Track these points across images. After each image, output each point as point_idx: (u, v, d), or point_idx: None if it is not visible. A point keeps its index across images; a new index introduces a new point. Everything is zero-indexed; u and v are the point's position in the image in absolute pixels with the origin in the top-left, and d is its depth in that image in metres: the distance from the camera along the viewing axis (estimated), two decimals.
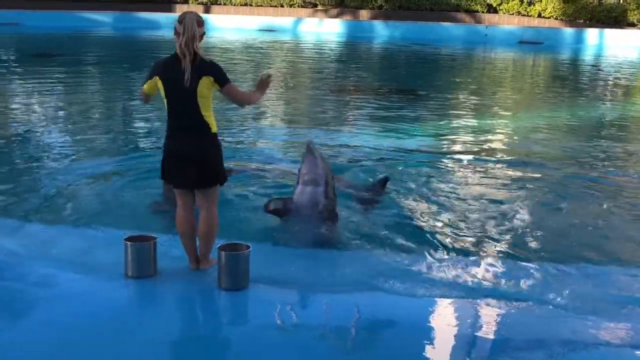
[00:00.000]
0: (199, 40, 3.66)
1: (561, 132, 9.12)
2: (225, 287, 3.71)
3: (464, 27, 24.19)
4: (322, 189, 4.81)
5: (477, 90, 13.15)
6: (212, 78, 3.65)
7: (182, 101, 3.68)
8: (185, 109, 3.70)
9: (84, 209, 5.36)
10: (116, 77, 13.60)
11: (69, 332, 3.27)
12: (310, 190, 4.79)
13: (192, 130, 3.72)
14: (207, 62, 3.69)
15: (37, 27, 22.27)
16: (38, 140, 7.72)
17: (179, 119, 3.74)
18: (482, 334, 3.41)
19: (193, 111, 3.68)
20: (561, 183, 6.46)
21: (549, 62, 19.35)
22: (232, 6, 27.05)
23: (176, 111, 3.74)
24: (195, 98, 3.65)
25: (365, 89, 12.35)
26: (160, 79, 3.72)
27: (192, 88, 3.63)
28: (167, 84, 3.70)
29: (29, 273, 3.94)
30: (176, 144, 3.77)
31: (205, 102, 3.69)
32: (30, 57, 15.84)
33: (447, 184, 6.33)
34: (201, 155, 3.73)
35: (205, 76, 3.64)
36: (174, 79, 3.65)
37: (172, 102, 3.74)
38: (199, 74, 3.63)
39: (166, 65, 3.73)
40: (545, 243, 4.92)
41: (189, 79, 3.60)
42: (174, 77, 3.64)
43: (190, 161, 3.72)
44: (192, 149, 3.73)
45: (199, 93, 3.64)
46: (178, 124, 3.76)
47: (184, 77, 3.60)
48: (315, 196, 4.77)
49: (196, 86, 3.63)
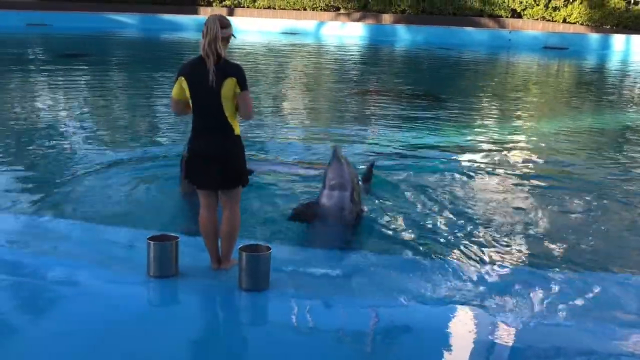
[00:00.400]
0: (224, 42, 3.69)
1: (585, 138, 9.01)
2: (245, 288, 3.74)
3: (487, 32, 24.01)
4: (349, 194, 4.88)
5: (499, 95, 13.05)
6: (235, 79, 3.68)
7: (207, 101, 3.73)
8: (210, 109, 3.74)
9: (109, 207, 5.46)
10: (140, 77, 13.76)
11: (92, 331, 3.32)
12: (337, 194, 4.86)
13: (216, 130, 3.76)
14: (231, 64, 3.74)
15: (64, 28, 22.63)
16: (64, 138, 7.85)
17: (204, 119, 3.80)
18: (501, 342, 3.39)
19: (217, 112, 3.73)
20: (584, 190, 6.38)
21: (574, 68, 19.11)
22: (255, 9, 27.23)
23: (201, 111, 3.80)
24: (219, 99, 3.69)
25: (386, 92, 12.33)
26: (185, 79, 3.76)
27: (216, 89, 3.67)
28: (191, 85, 3.75)
29: (53, 271, 4.00)
30: (201, 144, 3.82)
31: (228, 103, 3.73)
32: (58, 57, 16.10)
33: (468, 189, 6.29)
34: (225, 156, 3.78)
35: (229, 77, 3.68)
36: (199, 80, 3.69)
37: (196, 103, 3.78)
38: (223, 75, 3.67)
39: (191, 66, 3.77)
40: (566, 250, 4.87)
41: (214, 79, 3.64)
42: (199, 78, 3.69)
43: (215, 161, 3.77)
44: (216, 149, 3.77)
45: (222, 94, 3.69)
46: (203, 124, 3.81)
47: (208, 78, 3.64)
48: (342, 201, 4.84)
49: (220, 87, 3.67)
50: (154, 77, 13.60)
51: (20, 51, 18.13)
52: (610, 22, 23.50)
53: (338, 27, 24.93)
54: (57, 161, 6.86)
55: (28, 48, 19.14)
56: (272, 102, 11.22)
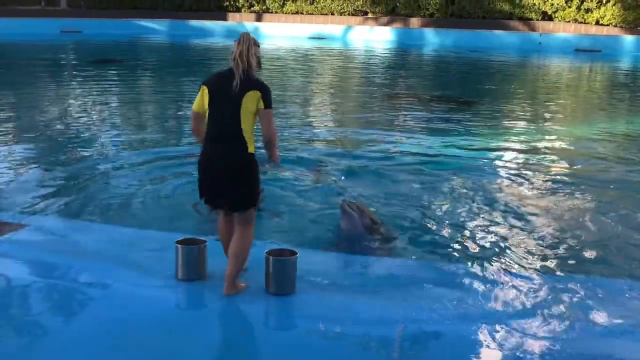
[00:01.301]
0: (254, 59, 3.63)
1: (620, 143, 8.80)
2: (272, 292, 3.75)
3: (518, 35, 23.69)
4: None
5: (530, 98, 12.85)
6: (260, 94, 3.59)
7: (225, 109, 3.59)
8: (227, 118, 3.60)
9: (139, 210, 5.53)
10: (171, 82, 13.95)
11: (119, 333, 3.35)
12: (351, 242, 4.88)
13: (231, 141, 3.60)
14: (259, 80, 3.66)
15: (97, 35, 23.11)
16: (96, 141, 7.99)
17: (217, 127, 3.63)
18: (532, 350, 3.32)
19: (234, 122, 3.58)
20: (617, 195, 6.24)
21: (607, 71, 18.72)
22: (282, 14, 27.37)
23: (216, 118, 3.63)
24: (239, 108, 3.57)
25: (415, 96, 12.26)
26: (207, 88, 3.66)
27: (238, 98, 3.56)
28: (213, 91, 3.64)
29: (81, 273, 4.06)
30: (212, 151, 3.64)
31: (247, 116, 3.59)
32: (91, 62, 16.45)
33: (500, 194, 6.21)
34: (235, 167, 3.61)
35: (254, 90, 3.58)
36: (222, 87, 3.61)
37: (213, 109, 3.63)
38: (248, 86, 3.57)
39: (217, 75, 3.72)
40: (598, 258, 4.76)
41: (238, 86, 3.55)
42: (222, 86, 3.60)
43: (225, 173, 3.61)
44: (227, 159, 3.60)
45: (243, 104, 3.57)
46: (217, 132, 3.63)
47: (232, 86, 3.55)
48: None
49: (242, 97, 3.56)
50: (184, 82, 13.77)
51: (55, 57, 18.58)
52: None
53: (366, 32, 24.91)
54: (90, 164, 6.98)
55: (62, 54, 19.60)
56: (299, 106, 11.26)
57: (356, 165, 7.18)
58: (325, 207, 5.69)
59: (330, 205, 5.67)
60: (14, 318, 3.54)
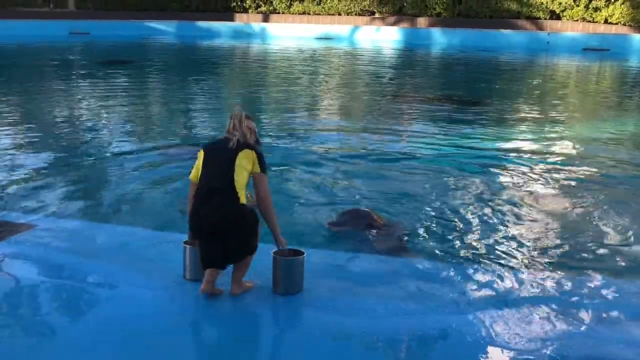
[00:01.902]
0: (249, 131, 3.69)
1: (627, 143, 8.75)
2: (279, 292, 3.75)
3: (525, 35, 23.61)
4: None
5: (537, 98, 12.80)
6: (255, 156, 3.63)
7: (218, 163, 3.62)
8: (218, 171, 3.60)
9: (147, 211, 5.56)
10: (179, 83, 14.01)
11: (127, 333, 3.36)
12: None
13: (222, 194, 3.54)
14: (254, 145, 3.70)
15: (105, 36, 23.25)
16: (106, 142, 8.03)
17: (209, 181, 3.60)
18: (537, 348, 3.30)
19: (226, 174, 3.56)
20: (625, 196, 6.20)
21: (616, 70, 18.61)
22: (289, 15, 27.43)
23: (208, 174, 3.63)
24: (233, 161, 3.57)
25: (421, 96, 12.24)
26: (203, 150, 3.72)
27: (232, 153, 3.59)
28: (208, 152, 3.69)
29: (90, 274, 4.07)
30: (203, 208, 3.57)
31: (240, 171, 3.58)
32: (99, 63, 16.54)
33: (502, 194, 6.19)
34: (230, 218, 3.54)
35: (249, 149, 3.63)
36: (217, 147, 3.68)
37: (206, 166, 3.65)
38: (244, 145, 3.64)
39: (214, 141, 3.81)
40: (605, 257, 4.74)
41: (234, 144, 3.61)
42: (217, 146, 3.69)
43: (217, 229, 3.54)
44: (217, 215, 3.52)
45: (238, 159, 3.58)
46: (208, 187, 3.59)
47: (227, 145, 3.61)
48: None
49: (237, 153, 3.60)
50: (193, 83, 13.82)
51: (65, 58, 18.70)
52: None
53: (373, 32, 24.92)
54: (99, 165, 7.03)
55: (71, 55, 19.72)
56: (305, 106, 11.27)
57: (362, 164, 7.19)
58: (330, 206, 5.70)
59: (334, 204, 5.71)
60: (22, 318, 3.56)
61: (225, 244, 3.55)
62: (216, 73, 16.21)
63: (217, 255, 3.59)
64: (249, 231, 3.62)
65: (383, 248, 4.68)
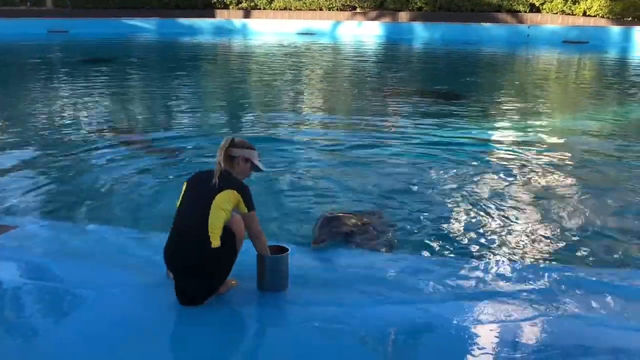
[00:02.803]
0: (232, 161, 3.62)
1: (607, 132, 8.86)
2: (264, 289, 3.74)
3: (506, 28, 23.78)
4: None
5: (519, 91, 12.91)
6: (239, 196, 3.50)
7: (196, 201, 3.49)
8: (193, 210, 3.47)
9: (129, 210, 5.51)
10: (159, 81, 13.89)
11: (112, 334, 3.34)
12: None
13: (192, 235, 3.45)
14: (238, 180, 3.60)
15: (84, 34, 22.98)
16: (87, 141, 7.93)
17: (182, 220, 3.51)
18: (524, 340, 3.33)
19: (200, 215, 3.43)
20: (605, 186, 6.28)
21: (595, 62, 18.82)
22: (271, 10, 27.34)
23: (183, 211, 3.53)
24: (210, 202, 3.43)
25: (403, 90, 12.28)
26: (187, 182, 3.64)
27: (212, 192, 3.45)
28: (189, 185, 3.60)
29: (73, 275, 4.03)
30: (169, 250, 3.53)
31: (218, 213, 3.43)
32: (79, 62, 16.35)
33: (486, 186, 6.23)
34: (191, 270, 3.47)
35: (231, 189, 3.49)
36: (200, 183, 3.55)
37: (184, 202, 3.55)
38: (226, 184, 3.50)
39: (200, 172, 3.70)
40: (590, 247, 4.79)
41: (216, 182, 3.47)
42: (199, 180, 3.58)
43: (182, 273, 3.50)
44: (182, 260, 3.48)
45: (216, 200, 3.44)
46: (180, 226, 3.51)
47: (210, 180, 3.49)
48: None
49: (217, 193, 3.46)
50: (175, 80, 13.71)
51: (43, 57, 18.45)
52: (632, 15, 23.09)
53: (355, 27, 24.93)
54: (80, 164, 6.94)
55: (50, 54, 19.46)
56: (288, 101, 11.25)
57: (345, 159, 7.19)
58: (311, 202, 5.70)
59: (317, 200, 5.71)
60: (5, 321, 3.51)
61: (189, 287, 3.52)
62: (198, 70, 16.11)
63: (184, 296, 3.55)
64: (215, 276, 3.55)
65: (367, 244, 4.68)
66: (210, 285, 3.58)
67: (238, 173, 3.66)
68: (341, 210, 5.09)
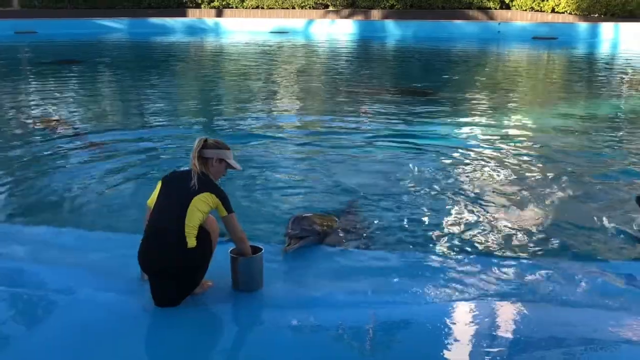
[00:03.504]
0: (206, 162, 3.61)
1: (576, 128, 9.03)
2: (239, 289, 3.75)
3: (477, 25, 24.04)
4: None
5: (490, 87, 13.07)
6: (217, 200, 3.51)
7: (172, 200, 3.48)
8: (170, 209, 3.46)
9: (101, 212, 5.45)
10: (133, 81, 13.74)
11: (85, 338, 3.32)
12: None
13: (167, 237, 3.44)
14: (215, 184, 3.61)
15: (53, 35, 22.56)
16: (57, 144, 7.81)
17: (158, 219, 3.49)
18: (498, 333, 3.39)
19: (178, 215, 3.43)
20: (575, 180, 6.41)
21: (564, 58, 19.15)
22: (243, 9, 27.19)
23: (160, 210, 3.51)
24: (187, 203, 3.44)
25: (377, 89, 12.33)
26: (162, 181, 3.63)
27: (190, 194, 3.46)
28: (165, 184, 3.59)
29: (45, 279, 3.99)
30: (144, 251, 3.52)
31: (194, 213, 3.44)
32: (48, 63, 16.06)
33: (457, 182, 6.31)
34: (168, 270, 3.47)
35: (209, 192, 3.50)
36: (176, 182, 3.55)
37: (160, 201, 3.53)
38: (204, 187, 3.51)
39: (176, 171, 3.71)
40: (559, 240, 4.88)
41: (195, 185, 3.47)
42: (177, 181, 3.56)
43: (158, 274, 3.50)
44: (159, 260, 3.47)
45: (194, 202, 3.45)
46: (156, 225, 3.49)
47: (187, 181, 3.48)
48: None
49: (195, 194, 3.46)
50: (146, 81, 13.57)
51: (10, 58, 18.08)
52: (598, 11, 23.55)
53: (328, 25, 24.94)
54: (50, 166, 6.84)
55: (18, 55, 19.08)
56: (260, 100, 11.23)
57: (317, 157, 7.21)
58: (284, 202, 5.71)
59: (289, 200, 5.73)
60: None
61: (166, 288, 3.51)
62: (170, 70, 15.96)
63: (161, 297, 3.53)
64: (191, 276, 3.55)
65: (340, 243, 4.70)
66: (186, 286, 3.57)
67: (213, 174, 3.67)
68: (313, 211, 5.10)
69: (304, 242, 4.42)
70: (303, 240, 4.41)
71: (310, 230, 4.51)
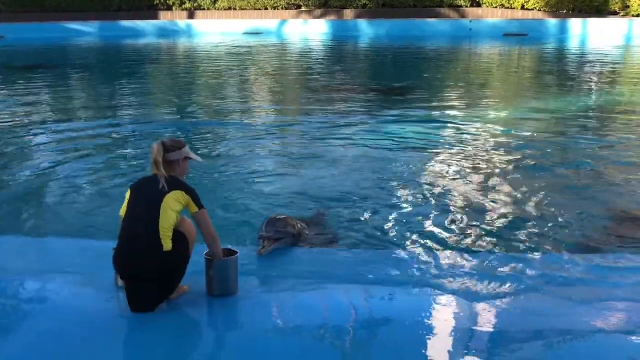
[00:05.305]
0: (171, 165, 3.59)
1: (547, 123, 9.17)
2: (214, 294, 3.72)
3: (449, 22, 24.27)
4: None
5: (463, 84, 13.21)
6: (187, 196, 3.51)
7: (143, 205, 3.47)
8: (142, 214, 3.45)
9: (74, 219, 5.38)
10: (102, 84, 13.57)
11: (60, 345, 3.27)
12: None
13: (141, 242, 3.41)
14: (182, 182, 3.61)
15: (22, 39, 22.18)
16: (27, 151, 7.70)
17: (131, 225, 3.45)
18: (477, 327, 3.42)
19: (150, 219, 3.42)
20: (548, 174, 6.51)
21: (534, 54, 19.44)
22: (215, 11, 27.05)
23: (132, 216, 3.47)
24: (159, 203, 3.43)
25: (350, 88, 12.36)
26: (130, 189, 3.60)
27: (160, 195, 3.45)
28: (134, 191, 3.57)
29: (19, 286, 3.92)
30: (119, 257, 3.48)
31: (167, 213, 3.44)
32: (16, 69, 15.77)
33: (431, 178, 6.36)
34: (144, 275, 3.43)
35: (178, 190, 3.51)
36: (145, 187, 3.55)
37: (131, 208, 3.51)
38: (173, 186, 3.51)
39: (142, 178, 3.67)
40: (535, 234, 4.96)
41: (164, 185, 3.47)
42: (144, 185, 3.56)
43: (135, 279, 3.47)
44: (135, 266, 3.43)
45: (165, 201, 3.45)
46: (129, 231, 3.45)
47: (156, 184, 3.47)
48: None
49: (165, 194, 3.46)
50: (118, 85, 13.41)
51: None
52: (566, 7, 23.97)
53: (300, 25, 24.94)
54: (21, 175, 6.72)
55: None
56: (233, 100, 11.18)
57: (291, 158, 7.21)
58: (257, 204, 5.69)
59: (262, 201, 5.72)
60: None
61: (141, 292, 3.49)
62: (142, 73, 15.80)
63: (136, 302, 3.51)
64: (168, 279, 3.53)
65: (313, 243, 4.70)
66: (162, 290, 3.54)
67: (179, 173, 3.67)
68: (286, 213, 5.08)
69: (278, 244, 4.40)
70: (277, 242, 4.39)
71: (285, 232, 4.49)
